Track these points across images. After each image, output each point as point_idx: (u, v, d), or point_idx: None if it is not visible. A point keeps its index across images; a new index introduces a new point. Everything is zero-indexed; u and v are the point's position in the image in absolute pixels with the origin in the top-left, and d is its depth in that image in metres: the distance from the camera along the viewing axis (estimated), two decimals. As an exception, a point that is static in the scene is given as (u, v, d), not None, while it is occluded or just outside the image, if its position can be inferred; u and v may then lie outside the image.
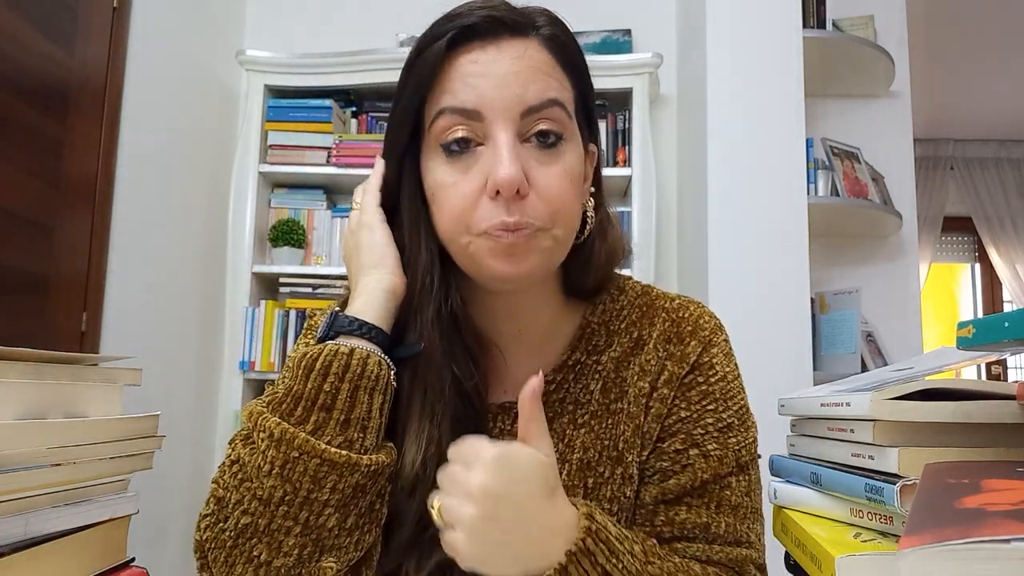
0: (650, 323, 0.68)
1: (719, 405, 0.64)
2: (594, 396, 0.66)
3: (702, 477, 0.62)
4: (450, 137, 0.58)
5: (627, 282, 0.72)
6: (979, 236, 4.42)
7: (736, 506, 0.63)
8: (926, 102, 3.37)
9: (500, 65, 0.58)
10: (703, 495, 0.62)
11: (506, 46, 0.59)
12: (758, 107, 1.90)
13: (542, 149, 0.59)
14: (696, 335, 0.66)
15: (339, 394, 0.54)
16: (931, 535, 0.32)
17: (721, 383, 0.65)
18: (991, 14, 3.20)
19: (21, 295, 1.58)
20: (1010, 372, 4.44)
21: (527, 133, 0.59)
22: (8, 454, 0.44)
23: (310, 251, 2.31)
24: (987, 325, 0.43)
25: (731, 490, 0.63)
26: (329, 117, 2.26)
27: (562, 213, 0.59)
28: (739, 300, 1.82)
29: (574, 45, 0.64)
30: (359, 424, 0.54)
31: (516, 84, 0.58)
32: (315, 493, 0.52)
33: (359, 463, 0.53)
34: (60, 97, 1.68)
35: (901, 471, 0.47)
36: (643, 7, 2.48)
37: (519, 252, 0.57)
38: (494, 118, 0.57)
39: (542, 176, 0.58)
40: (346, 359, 0.55)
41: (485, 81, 0.58)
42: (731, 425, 0.64)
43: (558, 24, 0.63)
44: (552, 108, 0.59)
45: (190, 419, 2.14)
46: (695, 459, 0.62)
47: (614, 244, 0.68)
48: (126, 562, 0.55)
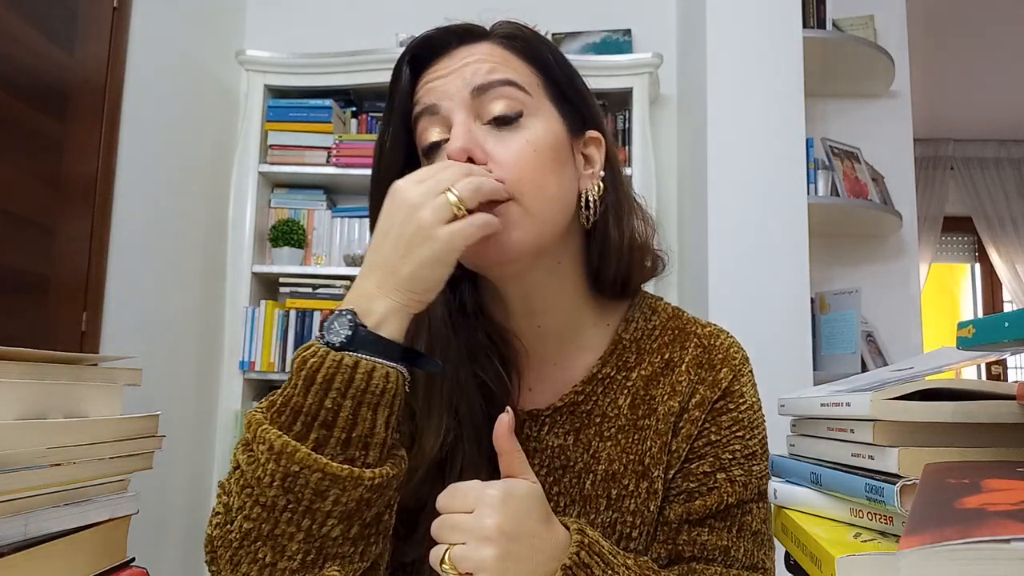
0: (681, 346, 0.70)
1: (746, 433, 0.67)
2: (622, 411, 0.68)
3: (727, 501, 0.64)
4: (427, 141, 0.63)
5: (659, 303, 0.74)
6: (979, 236, 4.42)
7: (755, 532, 0.65)
8: (926, 102, 3.36)
9: (452, 65, 0.63)
10: (726, 518, 0.64)
11: (456, 52, 0.64)
12: (758, 107, 1.90)
13: (500, 127, 0.61)
14: (727, 363, 0.69)
15: (341, 411, 0.51)
16: (931, 535, 0.32)
17: (749, 412, 0.68)
18: (991, 14, 3.20)
19: (21, 295, 1.58)
20: (1010, 372, 4.44)
21: (485, 115, 0.62)
22: (8, 454, 0.44)
23: (310, 251, 2.31)
24: (987, 325, 0.43)
25: (751, 516, 0.65)
26: (329, 117, 2.26)
27: (526, 181, 0.60)
28: (739, 300, 1.82)
29: (537, 40, 0.67)
30: (361, 442, 0.52)
31: (466, 72, 0.62)
32: (317, 504, 0.51)
33: (362, 477, 0.51)
34: (60, 97, 1.68)
35: (901, 471, 0.47)
36: (643, 7, 2.48)
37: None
38: (449, 105, 0.62)
39: (500, 148, 0.61)
40: (350, 373, 0.51)
41: (440, 81, 0.63)
42: (755, 453, 0.67)
43: (519, 28, 0.67)
44: (503, 87, 0.62)
45: (190, 419, 2.14)
46: (722, 483, 0.65)
47: (637, 234, 0.69)
48: (126, 562, 0.55)
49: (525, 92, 0.63)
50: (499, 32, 0.66)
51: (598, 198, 0.66)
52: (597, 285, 0.69)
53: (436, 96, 0.63)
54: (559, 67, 0.67)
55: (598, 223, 0.66)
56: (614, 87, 2.23)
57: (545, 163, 0.61)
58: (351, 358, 0.51)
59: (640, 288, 0.73)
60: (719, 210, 1.88)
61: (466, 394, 0.64)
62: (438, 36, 0.65)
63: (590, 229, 0.66)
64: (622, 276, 0.68)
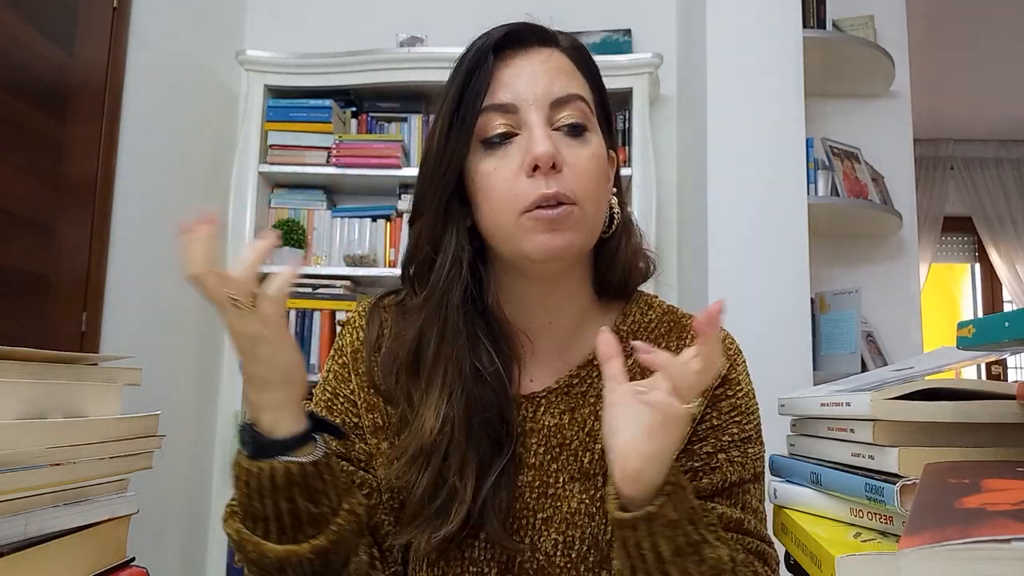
0: (678, 337, 0.74)
1: (743, 418, 0.71)
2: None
3: (730, 479, 0.68)
4: (492, 132, 0.66)
5: (654, 299, 0.79)
6: (979, 236, 4.42)
7: (756, 510, 0.69)
8: (926, 102, 3.35)
9: (530, 66, 0.67)
10: (730, 496, 0.68)
11: (534, 52, 0.69)
12: (758, 107, 1.90)
13: (571, 136, 0.66)
14: (724, 353, 0.72)
15: (266, 508, 0.58)
16: (931, 535, 0.32)
17: (745, 399, 0.72)
18: (991, 14, 3.20)
19: (21, 295, 1.58)
20: (1010, 372, 4.44)
21: (557, 123, 0.66)
22: (8, 454, 0.44)
23: (310, 251, 2.31)
24: (987, 325, 0.44)
25: (751, 495, 0.69)
26: (329, 117, 2.26)
27: (591, 191, 0.66)
28: (739, 300, 1.82)
29: (591, 59, 0.73)
30: (294, 525, 0.58)
31: (545, 80, 0.66)
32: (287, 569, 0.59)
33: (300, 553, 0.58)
34: (60, 97, 1.68)
35: (901, 471, 0.47)
36: (643, 7, 2.48)
37: (560, 227, 0.63)
38: (527, 108, 0.65)
39: (573, 155, 0.65)
40: (257, 477, 0.57)
41: (518, 80, 0.66)
42: (751, 437, 0.71)
43: (577, 41, 0.74)
44: (577, 102, 0.67)
45: (190, 419, 2.14)
46: (722, 463, 0.69)
47: (637, 246, 0.75)
48: (126, 562, 0.55)
49: (589, 109, 0.68)
50: (565, 43, 0.72)
51: (618, 210, 0.73)
52: (601, 287, 0.74)
53: (514, 95, 0.66)
54: (603, 87, 0.74)
55: (614, 234, 0.72)
56: (614, 87, 2.22)
57: (601, 177, 0.68)
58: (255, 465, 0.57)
59: (637, 288, 0.78)
60: (719, 210, 1.88)
61: (464, 382, 0.67)
62: (520, 31, 0.69)
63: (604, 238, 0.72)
64: (623, 280, 0.74)
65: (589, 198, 0.65)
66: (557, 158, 0.63)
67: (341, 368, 0.74)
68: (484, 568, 0.67)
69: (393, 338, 0.71)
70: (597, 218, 0.68)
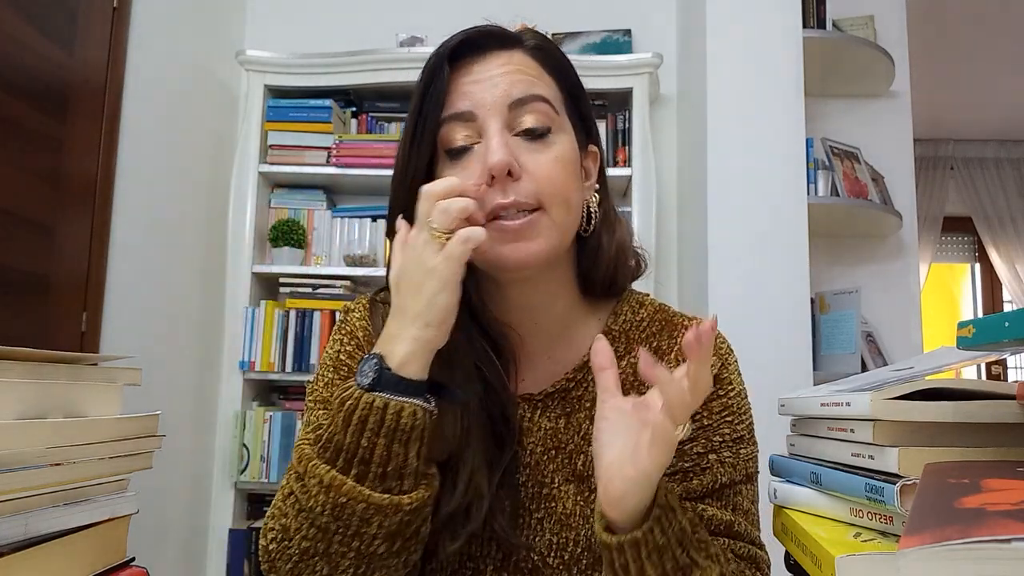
0: (670, 336, 0.73)
1: (735, 418, 0.70)
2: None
3: (721, 480, 0.67)
4: (454, 144, 0.65)
5: (645, 298, 0.77)
6: (979, 236, 4.42)
7: (747, 511, 0.68)
8: (926, 102, 3.35)
9: (488, 71, 0.66)
10: (721, 497, 0.67)
11: (493, 56, 0.67)
12: (758, 107, 1.90)
13: (532, 140, 0.65)
14: (715, 353, 0.71)
15: (376, 448, 0.56)
16: (931, 535, 0.32)
17: (737, 398, 0.71)
18: (991, 14, 3.20)
19: (21, 295, 1.58)
20: (1010, 372, 4.44)
21: (517, 127, 0.65)
22: (8, 454, 0.44)
23: (310, 251, 2.31)
24: (987, 325, 0.44)
25: (742, 496, 0.68)
26: (329, 117, 2.26)
27: (555, 195, 0.64)
28: (739, 300, 1.82)
29: (561, 55, 0.71)
30: (396, 474, 0.57)
31: (503, 83, 0.65)
32: (364, 528, 0.57)
33: (401, 504, 0.57)
34: (60, 97, 1.68)
35: (901, 471, 0.47)
36: (643, 7, 2.48)
37: (524, 236, 0.63)
38: (484, 115, 0.64)
39: (532, 161, 0.64)
40: (380, 414, 0.56)
41: (476, 87, 0.65)
42: (743, 437, 0.70)
43: (545, 40, 0.71)
44: (537, 103, 0.66)
45: (190, 419, 2.14)
46: (713, 464, 0.68)
47: (623, 242, 0.73)
48: (126, 562, 0.55)
49: (553, 109, 0.67)
50: (529, 43, 0.69)
51: (596, 208, 0.72)
52: (587, 286, 0.73)
53: (471, 103, 0.65)
54: (577, 83, 0.72)
55: (594, 231, 0.71)
56: (614, 87, 2.23)
57: (569, 177, 0.66)
58: (381, 399, 0.57)
59: (627, 287, 0.77)
60: (719, 210, 1.88)
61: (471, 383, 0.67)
62: (476, 38, 0.67)
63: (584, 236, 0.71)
64: (609, 278, 0.73)
65: (555, 201, 0.64)
66: (513, 166, 0.62)
67: (356, 349, 0.72)
68: (481, 565, 0.68)
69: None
70: (567, 220, 0.66)
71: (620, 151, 2.26)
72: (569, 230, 0.67)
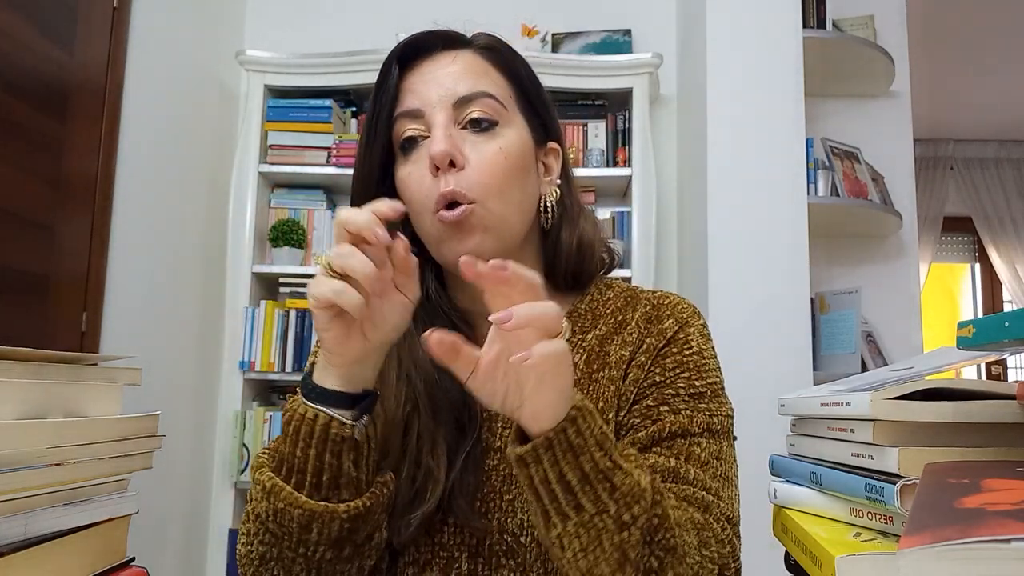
0: (633, 308, 0.74)
1: (692, 375, 0.69)
2: (578, 366, 0.72)
3: (670, 429, 0.66)
4: (403, 137, 0.68)
5: (615, 282, 0.79)
6: (979, 236, 4.42)
7: (704, 463, 0.65)
8: (926, 102, 3.36)
9: (435, 70, 0.68)
10: (671, 446, 0.65)
11: (440, 56, 0.69)
12: (758, 107, 1.90)
13: (477, 132, 0.67)
14: (674, 315, 0.73)
15: (308, 460, 0.57)
16: (931, 535, 0.32)
17: (695, 356, 0.70)
18: (991, 14, 3.20)
19: (21, 295, 1.58)
20: (1010, 372, 4.44)
21: (462, 120, 0.67)
22: (8, 454, 0.44)
23: (310, 251, 2.31)
24: (987, 325, 0.44)
25: (700, 448, 0.66)
26: (329, 117, 2.26)
27: (497, 186, 0.65)
28: (739, 300, 1.82)
29: (512, 54, 0.73)
30: (333, 483, 0.58)
31: (449, 81, 0.67)
32: (305, 535, 0.58)
33: (337, 512, 0.57)
34: (60, 97, 1.68)
35: (901, 471, 0.47)
36: (643, 7, 2.48)
37: (463, 230, 0.64)
38: (431, 111, 0.66)
39: (476, 152, 0.66)
40: (311, 425, 0.57)
41: (424, 85, 0.68)
42: (703, 394, 0.68)
43: (496, 40, 0.73)
44: (483, 99, 0.67)
45: (190, 419, 2.14)
46: (664, 414, 0.67)
47: (584, 234, 0.74)
48: (126, 562, 0.55)
49: (501, 105, 0.68)
50: (479, 43, 0.72)
51: (555, 203, 0.73)
52: (552, 279, 0.74)
53: (419, 100, 0.67)
54: (530, 81, 0.73)
55: (554, 225, 0.73)
56: (614, 87, 2.23)
57: (512, 171, 0.67)
58: (311, 410, 0.57)
59: (594, 279, 0.78)
60: (719, 210, 1.88)
61: (422, 369, 0.67)
62: (424, 39, 0.70)
63: (547, 230, 0.73)
64: (572, 270, 0.74)
65: (492, 194, 0.65)
66: (455, 155, 0.64)
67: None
68: (454, 552, 0.67)
69: None
70: (507, 214, 0.66)
71: (620, 151, 2.26)
72: (511, 224, 0.67)
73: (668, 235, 2.31)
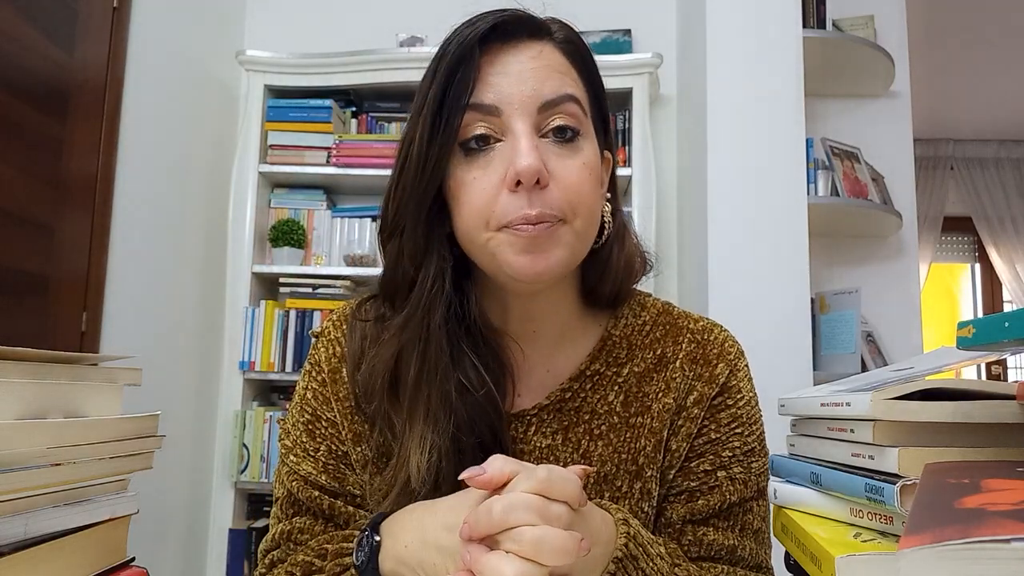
0: (674, 341, 0.68)
1: (745, 429, 0.66)
2: (614, 408, 0.66)
3: (729, 499, 0.64)
4: (470, 134, 0.58)
5: (648, 299, 0.73)
6: (979, 236, 4.42)
7: (757, 531, 0.65)
8: (926, 102, 3.36)
9: (518, 63, 0.59)
10: (728, 518, 0.64)
11: (523, 47, 0.60)
12: (758, 107, 1.89)
13: (560, 143, 0.59)
14: (723, 358, 0.67)
15: None
16: (931, 535, 0.32)
17: (747, 407, 0.67)
18: (991, 14, 3.20)
19: (21, 295, 1.58)
20: (1010, 372, 4.43)
21: (545, 128, 0.59)
22: (8, 454, 0.44)
23: (310, 251, 2.31)
24: (987, 325, 0.43)
25: (752, 514, 0.65)
26: (329, 117, 2.26)
27: (582, 205, 0.59)
28: (739, 300, 1.82)
29: (588, 52, 0.65)
30: None
31: (533, 80, 0.59)
32: None
33: None
34: (60, 97, 1.68)
35: (901, 471, 0.47)
36: (643, 7, 2.48)
37: (541, 246, 0.57)
38: (511, 112, 0.58)
39: (561, 167, 0.58)
40: None
41: (504, 79, 0.59)
42: (754, 450, 0.66)
43: (572, 32, 0.65)
44: (568, 103, 0.60)
45: (190, 419, 2.14)
46: (723, 481, 0.64)
47: (632, 253, 0.68)
48: (126, 562, 0.55)
49: (582, 111, 0.62)
50: (558, 35, 0.63)
51: (610, 217, 0.66)
52: (592, 298, 0.69)
53: (497, 96, 0.58)
54: (601, 83, 0.67)
55: (605, 242, 0.66)
56: (614, 87, 2.22)
57: (595, 187, 0.61)
58: None
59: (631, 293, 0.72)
60: (719, 210, 1.88)
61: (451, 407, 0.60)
62: (510, 22, 0.60)
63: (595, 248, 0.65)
64: (615, 290, 0.68)
65: (581, 212, 0.58)
66: (543, 174, 0.56)
67: (320, 387, 0.68)
68: None
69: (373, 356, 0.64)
70: (589, 232, 0.61)
71: (620, 151, 2.26)
72: (589, 242, 0.62)
73: (668, 235, 2.31)
